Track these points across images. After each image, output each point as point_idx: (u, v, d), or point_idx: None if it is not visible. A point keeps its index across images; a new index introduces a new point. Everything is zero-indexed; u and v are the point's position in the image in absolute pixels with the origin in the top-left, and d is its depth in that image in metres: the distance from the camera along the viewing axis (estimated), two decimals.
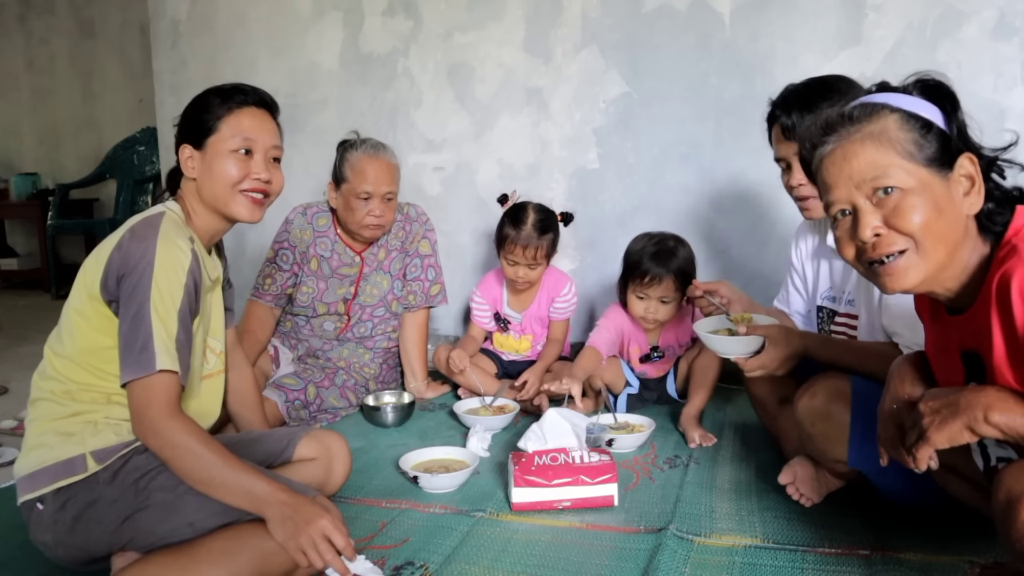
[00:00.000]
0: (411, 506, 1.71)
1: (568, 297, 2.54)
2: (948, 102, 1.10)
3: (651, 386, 2.42)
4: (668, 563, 1.42)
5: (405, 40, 3.04)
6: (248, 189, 1.49)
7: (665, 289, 2.23)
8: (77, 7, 5.53)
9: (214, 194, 1.48)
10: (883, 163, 1.06)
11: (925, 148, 1.06)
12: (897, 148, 1.06)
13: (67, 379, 1.37)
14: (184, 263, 1.35)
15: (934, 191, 1.06)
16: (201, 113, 1.50)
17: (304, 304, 2.51)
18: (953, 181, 1.07)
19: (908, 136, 1.07)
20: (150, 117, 4.06)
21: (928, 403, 1.05)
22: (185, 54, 3.42)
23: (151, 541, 1.30)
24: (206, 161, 1.48)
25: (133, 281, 1.30)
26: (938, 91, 1.11)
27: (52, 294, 5.05)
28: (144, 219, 1.41)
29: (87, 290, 1.36)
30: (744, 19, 2.59)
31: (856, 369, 1.56)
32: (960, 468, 1.29)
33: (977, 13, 2.35)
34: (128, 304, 1.30)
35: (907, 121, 1.08)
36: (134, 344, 1.28)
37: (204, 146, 1.49)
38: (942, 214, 1.06)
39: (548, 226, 2.42)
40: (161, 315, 1.30)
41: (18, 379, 2.92)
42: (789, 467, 1.67)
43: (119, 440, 1.33)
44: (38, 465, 1.32)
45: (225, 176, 1.47)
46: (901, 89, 1.13)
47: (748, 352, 1.64)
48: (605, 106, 2.80)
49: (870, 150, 1.07)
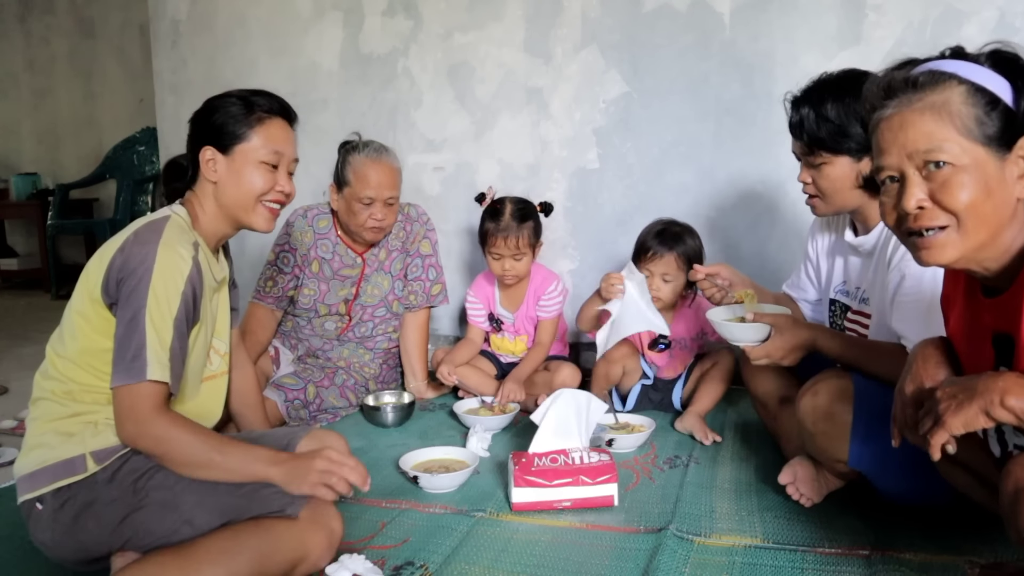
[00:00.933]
0: (411, 506, 1.71)
1: (554, 295, 2.53)
2: (1021, 78, 1.04)
3: (659, 387, 2.41)
4: (668, 563, 1.42)
5: (405, 40, 3.04)
6: (270, 200, 1.52)
7: (666, 266, 2.26)
8: (77, 7, 5.53)
9: (235, 201, 1.49)
10: (939, 136, 1.03)
11: (987, 126, 1.03)
12: (956, 123, 1.03)
13: (68, 379, 1.37)
14: (184, 270, 1.34)
15: (986, 171, 1.03)
16: (230, 118, 1.49)
17: (306, 306, 2.51)
18: (1010, 162, 1.04)
19: (971, 112, 1.03)
20: (150, 117, 4.06)
21: (944, 389, 1.04)
22: (185, 54, 3.42)
23: (150, 540, 1.30)
24: (233, 167, 1.48)
25: (131, 286, 1.30)
26: (1012, 64, 1.05)
27: (52, 294, 5.05)
28: (148, 223, 1.40)
29: (88, 292, 1.36)
30: (744, 19, 2.60)
31: (862, 366, 1.55)
32: (966, 459, 1.28)
33: (977, 13, 2.35)
34: (125, 308, 1.30)
35: (973, 95, 1.03)
36: (127, 350, 1.28)
37: (231, 152, 1.49)
38: (991, 195, 1.03)
39: (527, 215, 2.44)
40: (156, 323, 1.29)
41: (18, 379, 2.92)
42: (789, 467, 1.67)
43: (119, 441, 1.33)
44: (38, 465, 1.32)
45: (252, 186, 1.49)
46: (973, 57, 1.07)
47: (755, 340, 1.64)
48: (605, 106, 2.80)
49: (928, 121, 1.04)
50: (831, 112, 1.62)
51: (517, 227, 2.40)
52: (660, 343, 2.39)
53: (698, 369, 2.36)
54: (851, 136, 1.61)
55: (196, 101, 1.57)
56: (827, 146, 1.64)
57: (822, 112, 1.63)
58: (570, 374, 2.41)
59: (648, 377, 2.41)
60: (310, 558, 1.31)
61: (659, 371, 2.42)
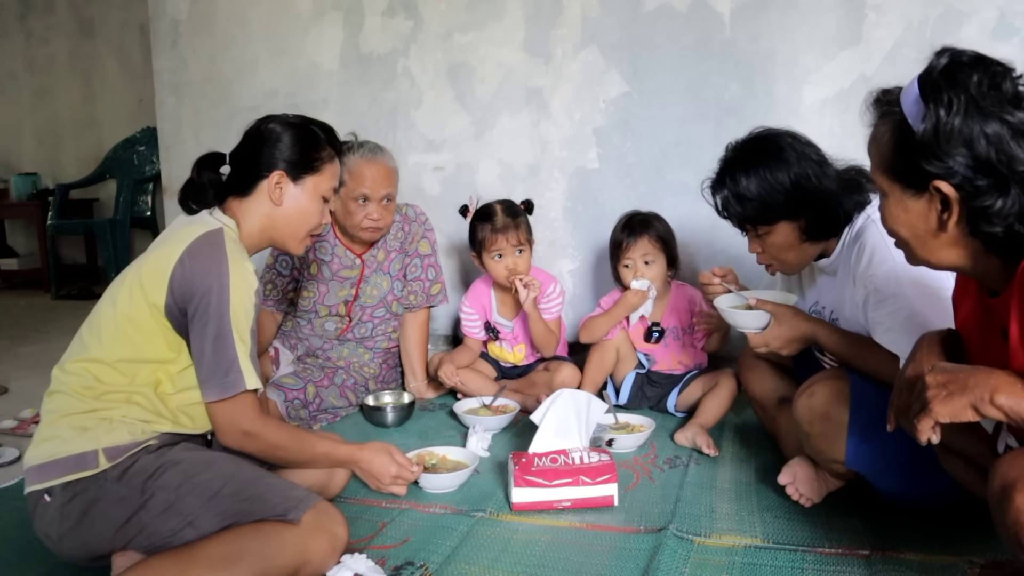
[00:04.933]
0: (411, 506, 1.72)
1: (554, 296, 2.54)
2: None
3: (655, 380, 2.41)
4: (668, 563, 1.42)
5: (405, 40, 3.04)
6: (316, 234, 1.62)
7: (644, 248, 2.33)
8: (77, 7, 5.53)
9: (288, 230, 1.56)
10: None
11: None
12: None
13: (93, 377, 1.38)
14: (253, 284, 1.42)
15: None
16: (310, 149, 1.54)
17: (305, 307, 2.51)
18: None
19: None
20: (150, 117, 4.06)
21: (936, 376, 1.03)
22: (185, 54, 3.42)
23: (153, 541, 1.30)
24: (299, 197, 1.54)
25: (208, 303, 1.35)
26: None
27: (52, 294, 5.04)
28: (205, 236, 1.42)
29: (147, 298, 1.38)
30: (744, 19, 2.59)
31: (861, 364, 1.55)
32: (968, 452, 1.28)
33: (977, 13, 2.35)
34: (206, 326, 1.36)
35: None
36: (219, 366, 1.37)
37: (300, 181, 1.54)
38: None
39: (517, 211, 2.46)
40: (241, 335, 1.38)
41: (18, 379, 2.91)
42: (789, 467, 1.67)
43: (132, 439, 1.34)
44: (49, 457, 1.32)
45: (310, 221, 1.58)
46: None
47: (756, 327, 1.65)
48: (605, 106, 2.80)
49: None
50: (748, 188, 1.60)
51: (514, 222, 2.41)
52: (654, 332, 2.40)
53: (699, 386, 2.33)
54: (776, 204, 1.59)
55: (196, 101, 1.58)
56: (759, 220, 1.64)
57: (740, 191, 1.61)
58: (570, 374, 2.41)
59: (643, 366, 2.41)
60: (312, 563, 1.31)
61: (654, 363, 2.42)
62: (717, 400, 2.21)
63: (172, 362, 1.41)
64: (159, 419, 1.39)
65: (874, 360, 1.52)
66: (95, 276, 5.48)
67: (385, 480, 1.69)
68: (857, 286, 1.60)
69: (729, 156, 1.69)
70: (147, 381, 1.39)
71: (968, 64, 0.99)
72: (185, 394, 1.42)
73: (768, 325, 1.64)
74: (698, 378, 2.36)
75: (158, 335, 1.39)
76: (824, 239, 1.67)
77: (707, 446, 2.02)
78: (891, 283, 1.50)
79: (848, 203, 1.63)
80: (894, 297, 1.49)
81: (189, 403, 1.42)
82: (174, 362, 1.41)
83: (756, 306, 1.67)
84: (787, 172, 1.59)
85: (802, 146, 1.64)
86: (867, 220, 1.61)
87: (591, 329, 2.40)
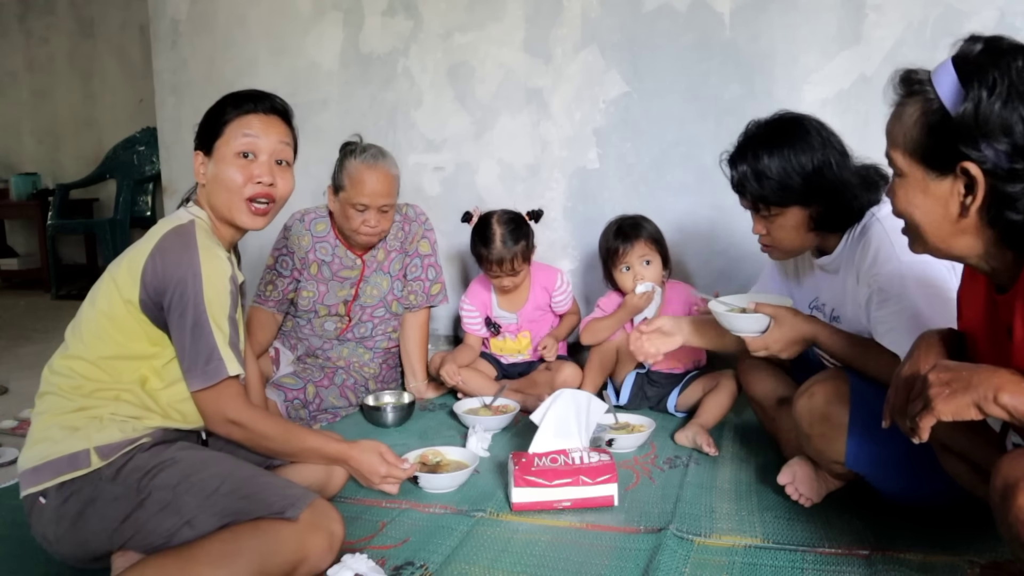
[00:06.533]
0: (411, 506, 1.72)
1: (563, 288, 2.60)
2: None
3: (655, 380, 2.41)
4: (668, 563, 1.42)
5: (405, 40, 3.04)
6: (252, 196, 1.49)
7: (640, 249, 2.35)
8: (77, 7, 5.53)
9: (221, 201, 1.50)
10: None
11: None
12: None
13: (79, 376, 1.38)
14: (226, 271, 1.42)
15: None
16: (212, 118, 1.51)
17: (305, 307, 2.51)
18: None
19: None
20: (150, 117, 4.06)
21: (938, 374, 1.02)
22: (185, 54, 3.42)
23: (151, 540, 1.30)
24: (217, 166, 1.49)
25: (183, 293, 1.35)
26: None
27: (52, 294, 5.04)
28: (176, 228, 1.42)
29: (121, 296, 1.38)
30: (744, 19, 2.59)
31: (861, 365, 1.54)
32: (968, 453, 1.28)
33: (977, 13, 2.35)
34: (183, 316, 1.35)
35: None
36: (199, 355, 1.37)
37: (212, 151, 1.50)
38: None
39: (518, 235, 2.43)
40: (218, 323, 1.37)
41: (18, 379, 2.91)
42: (788, 467, 1.67)
43: (124, 437, 1.34)
44: (42, 459, 1.32)
45: (232, 182, 1.48)
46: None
47: (755, 330, 1.61)
48: (605, 106, 2.80)
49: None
50: (769, 167, 1.58)
51: (510, 252, 2.41)
52: None
53: (699, 387, 2.32)
54: (794, 188, 1.58)
55: (196, 101, 1.59)
56: (773, 201, 1.61)
57: (760, 169, 1.59)
58: (571, 374, 2.41)
59: (643, 366, 2.41)
60: (310, 560, 1.31)
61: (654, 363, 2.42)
62: (717, 401, 2.21)
63: (156, 356, 1.41)
64: (148, 414, 1.40)
65: (875, 361, 1.51)
66: (95, 276, 5.33)
67: (375, 479, 1.67)
68: (860, 284, 1.59)
69: (752, 132, 1.65)
70: (133, 378, 1.40)
71: (1008, 50, 0.98)
72: (174, 388, 1.42)
73: (768, 328, 1.60)
74: (698, 379, 2.36)
75: (138, 330, 1.39)
76: (829, 231, 1.65)
77: (708, 445, 2.02)
78: (895, 283, 1.49)
79: (862, 199, 1.61)
80: (898, 297, 1.48)
81: (180, 398, 1.43)
82: (158, 356, 1.41)
83: (755, 309, 1.62)
84: (810, 157, 1.57)
85: (828, 133, 1.62)
86: (872, 218, 1.60)
87: (594, 332, 2.40)
